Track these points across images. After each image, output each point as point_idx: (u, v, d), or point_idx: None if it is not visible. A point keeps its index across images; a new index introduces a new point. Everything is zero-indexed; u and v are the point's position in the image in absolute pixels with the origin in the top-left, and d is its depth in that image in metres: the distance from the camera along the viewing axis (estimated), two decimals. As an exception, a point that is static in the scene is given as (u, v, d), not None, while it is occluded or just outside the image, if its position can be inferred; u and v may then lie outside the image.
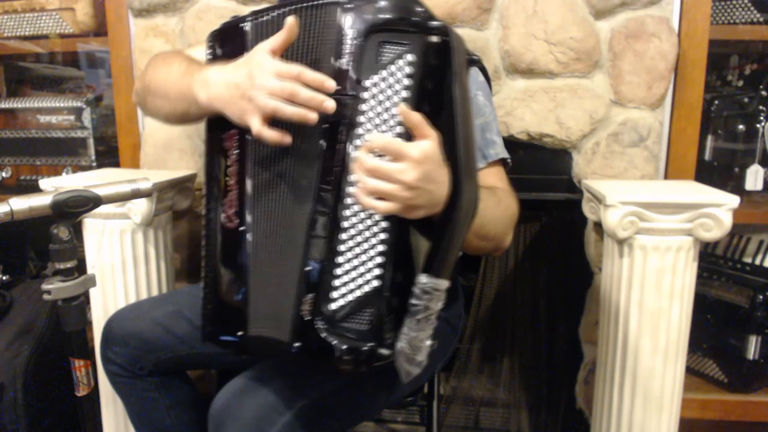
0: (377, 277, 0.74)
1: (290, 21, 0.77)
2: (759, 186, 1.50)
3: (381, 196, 0.71)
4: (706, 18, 1.35)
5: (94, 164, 1.68)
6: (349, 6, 0.74)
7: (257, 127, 0.76)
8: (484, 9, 1.39)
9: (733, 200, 1.13)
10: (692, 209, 1.14)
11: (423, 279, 0.73)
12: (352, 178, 0.73)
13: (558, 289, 1.71)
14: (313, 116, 0.74)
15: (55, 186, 1.27)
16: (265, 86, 0.74)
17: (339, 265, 0.74)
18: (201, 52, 0.97)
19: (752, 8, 1.43)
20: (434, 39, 0.72)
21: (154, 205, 1.27)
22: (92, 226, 1.30)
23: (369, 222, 0.74)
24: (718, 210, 1.12)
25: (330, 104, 0.74)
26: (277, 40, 0.77)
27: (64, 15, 1.63)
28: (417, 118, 0.71)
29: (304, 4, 0.78)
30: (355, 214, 0.74)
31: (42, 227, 0.78)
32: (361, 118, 0.73)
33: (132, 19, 1.53)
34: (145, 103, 1.05)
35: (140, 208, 1.25)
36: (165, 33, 1.51)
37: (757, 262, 1.53)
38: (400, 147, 0.70)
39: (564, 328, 1.54)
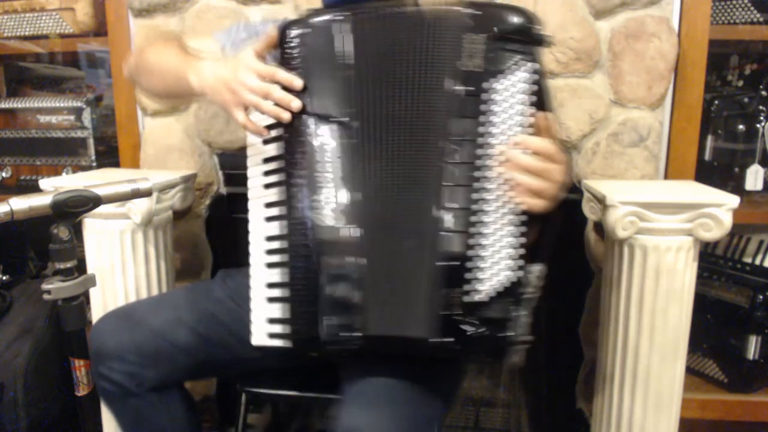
0: (512, 269, 0.78)
1: (271, 31, 0.85)
2: (759, 186, 1.50)
3: (537, 195, 0.78)
4: (706, 18, 1.35)
5: (94, 164, 1.67)
6: (474, 12, 0.79)
7: (241, 118, 0.86)
8: (484, 9, 1.39)
9: (733, 200, 1.13)
10: (692, 209, 1.14)
11: (536, 267, 0.80)
12: (491, 174, 0.78)
13: (558, 289, 1.70)
14: (285, 115, 0.83)
15: (55, 186, 1.27)
16: (246, 83, 0.84)
17: (474, 258, 0.77)
18: (202, 44, 1.08)
19: (752, 8, 1.43)
20: (545, 49, 0.80)
21: (154, 205, 1.27)
22: (92, 226, 1.30)
23: (501, 215, 0.78)
24: (718, 210, 1.12)
25: (296, 104, 0.82)
26: (261, 44, 0.86)
27: (64, 15, 1.63)
28: (546, 122, 0.79)
29: (425, 11, 0.81)
30: (485, 210, 0.78)
31: (42, 227, 0.78)
32: (491, 119, 0.78)
33: (132, 19, 1.53)
34: (139, 79, 1.11)
35: (140, 208, 1.25)
36: (165, 33, 1.51)
37: (757, 262, 1.53)
38: (552, 149, 0.77)
39: (564, 328, 1.54)
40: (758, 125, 1.49)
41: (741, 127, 1.50)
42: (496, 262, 0.78)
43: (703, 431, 1.53)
